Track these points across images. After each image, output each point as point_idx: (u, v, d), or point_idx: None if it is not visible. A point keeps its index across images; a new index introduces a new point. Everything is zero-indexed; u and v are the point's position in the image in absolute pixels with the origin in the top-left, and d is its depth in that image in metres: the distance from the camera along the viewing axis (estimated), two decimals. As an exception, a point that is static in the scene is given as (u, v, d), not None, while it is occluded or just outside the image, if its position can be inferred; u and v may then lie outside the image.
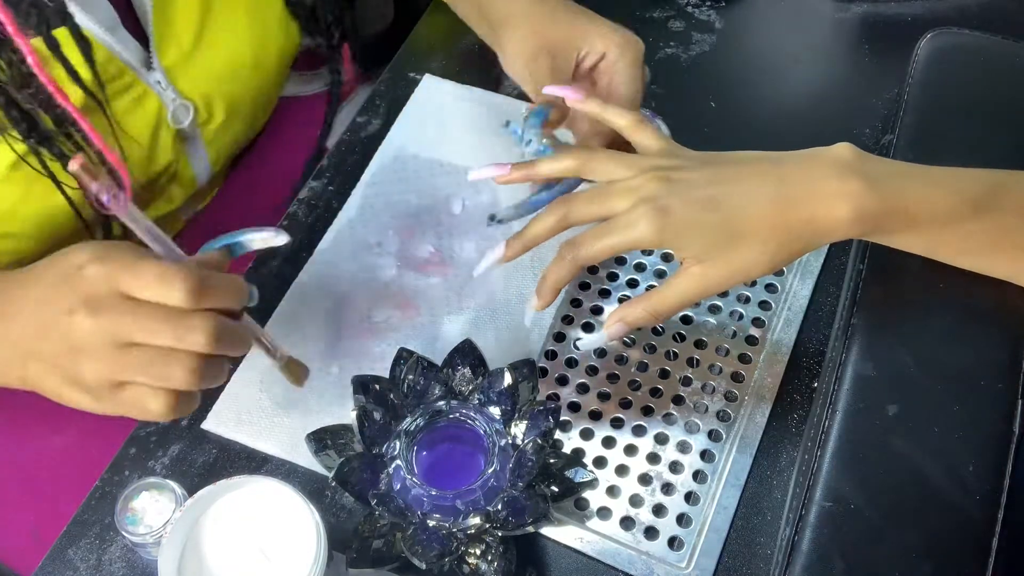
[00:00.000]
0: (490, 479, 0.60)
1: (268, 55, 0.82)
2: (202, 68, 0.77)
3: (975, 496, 0.52)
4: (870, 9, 0.90)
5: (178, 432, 0.69)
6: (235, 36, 0.78)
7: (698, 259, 0.57)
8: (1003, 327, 0.57)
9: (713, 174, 0.58)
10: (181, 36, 0.74)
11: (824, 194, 0.55)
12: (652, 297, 0.59)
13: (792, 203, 0.56)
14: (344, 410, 0.69)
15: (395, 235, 0.77)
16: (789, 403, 0.68)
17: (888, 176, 0.56)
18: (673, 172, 0.58)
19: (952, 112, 0.67)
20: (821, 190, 0.56)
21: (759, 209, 0.56)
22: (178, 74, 0.75)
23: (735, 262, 0.57)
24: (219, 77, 0.78)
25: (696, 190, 0.57)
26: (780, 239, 0.56)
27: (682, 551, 0.63)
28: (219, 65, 0.77)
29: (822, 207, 0.55)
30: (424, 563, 0.58)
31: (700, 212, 0.56)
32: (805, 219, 0.56)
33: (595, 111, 0.64)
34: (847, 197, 0.55)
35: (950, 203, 0.56)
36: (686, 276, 0.58)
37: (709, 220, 0.56)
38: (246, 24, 0.79)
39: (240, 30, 0.78)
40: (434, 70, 0.87)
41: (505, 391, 0.64)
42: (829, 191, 0.55)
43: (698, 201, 0.56)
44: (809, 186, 0.56)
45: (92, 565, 0.64)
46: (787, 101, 0.85)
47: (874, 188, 0.55)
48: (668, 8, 0.91)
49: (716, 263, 0.57)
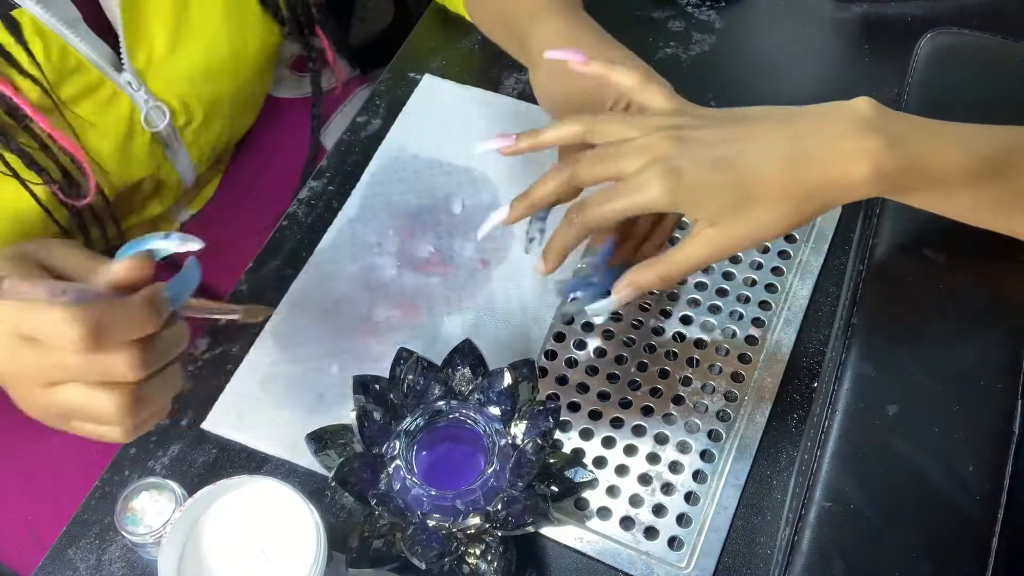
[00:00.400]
0: (490, 479, 0.60)
1: (247, 53, 0.80)
2: (177, 70, 0.76)
3: (975, 496, 0.52)
4: (870, 9, 0.90)
5: (178, 432, 0.69)
6: (212, 36, 0.77)
7: (710, 221, 0.55)
8: (1003, 327, 0.57)
9: (726, 132, 0.56)
10: (154, 38, 0.73)
11: (842, 153, 0.53)
12: (664, 260, 0.57)
13: (808, 163, 0.54)
14: (344, 410, 0.69)
15: (395, 235, 0.77)
16: (789, 403, 0.68)
17: (909, 133, 0.54)
18: (684, 131, 0.56)
19: (952, 112, 0.66)
20: (839, 149, 0.54)
21: (774, 170, 0.54)
22: (151, 76, 0.74)
23: (748, 225, 0.55)
24: (195, 78, 0.77)
25: (709, 150, 0.55)
26: (795, 201, 0.54)
27: (682, 551, 0.63)
28: (195, 66, 0.76)
29: (839, 167, 0.53)
30: (424, 563, 0.58)
31: (713, 173, 0.54)
32: (821, 180, 0.54)
33: (600, 72, 0.61)
34: (866, 156, 0.53)
35: (969, 163, 0.54)
36: (698, 239, 0.56)
37: (722, 181, 0.54)
38: (223, 23, 0.77)
39: (216, 29, 0.77)
40: (434, 70, 0.87)
41: (505, 391, 0.64)
42: (847, 150, 0.53)
43: (711, 161, 0.54)
44: (826, 144, 0.54)
45: (92, 565, 0.64)
46: (787, 101, 0.84)
47: (894, 146, 0.53)
48: (668, 8, 0.91)
49: (729, 225, 0.55)
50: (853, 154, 0.53)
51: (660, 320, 0.72)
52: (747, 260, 0.74)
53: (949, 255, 0.59)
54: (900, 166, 0.53)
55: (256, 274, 0.76)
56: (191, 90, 0.77)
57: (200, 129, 0.80)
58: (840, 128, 0.54)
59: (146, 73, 0.73)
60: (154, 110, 0.75)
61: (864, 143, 0.53)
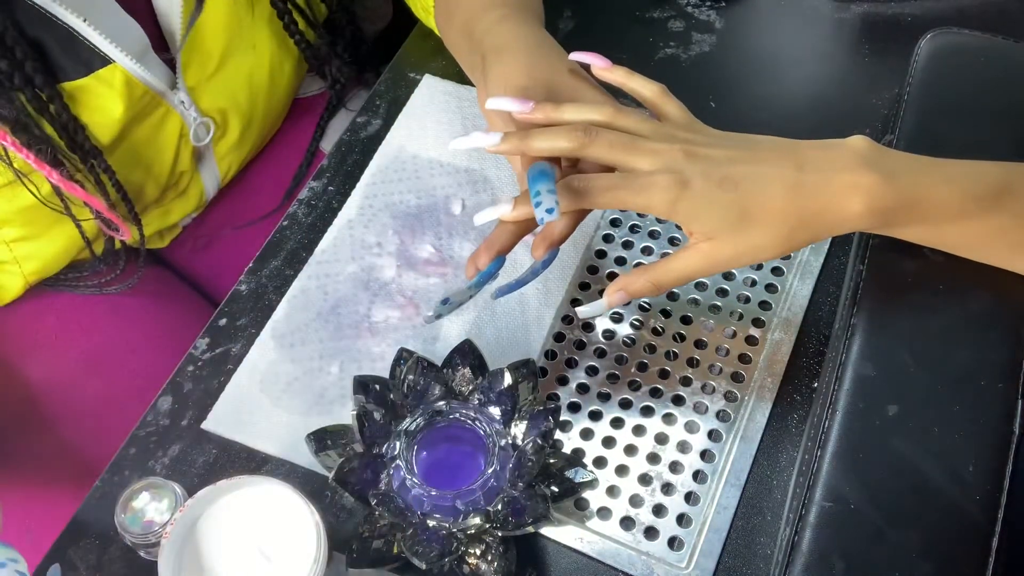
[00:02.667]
0: (490, 479, 0.60)
1: (283, 72, 0.82)
2: (223, 85, 0.77)
3: (975, 496, 0.52)
4: (870, 9, 0.90)
5: (178, 432, 0.69)
6: (256, 54, 0.78)
7: (707, 236, 0.57)
8: (1003, 327, 0.57)
9: (735, 153, 0.58)
10: (208, 57, 0.74)
11: (840, 185, 0.55)
12: (656, 268, 0.58)
13: (807, 191, 0.56)
14: (344, 410, 0.69)
15: (395, 235, 0.77)
16: (789, 403, 0.68)
17: (902, 171, 0.56)
18: (696, 147, 0.57)
19: (952, 112, 0.67)
20: (838, 181, 0.55)
21: (775, 193, 0.56)
22: (201, 93, 0.74)
23: (744, 243, 0.56)
24: (237, 93, 0.78)
25: (717, 167, 0.57)
26: (790, 227, 0.56)
27: (682, 551, 0.63)
28: (239, 81, 0.78)
29: (836, 199, 0.55)
30: (424, 563, 0.58)
31: (717, 190, 0.56)
32: (817, 209, 0.56)
33: (621, 80, 0.62)
34: (862, 191, 0.55)
35: (959, 201, 0.56)
36: (693, 251, 0.57)
37: (725, 199, 0.56)
38: (267, 43, 0.79)
39: (261, 48, 0.79)
40: (434, 70, 0.87)
41: (505, 391, 0.64)
42: (845, 183, 0.55)
43: (718, 178, 0.56)
44: (827, 175, 0.56)
45: (92, 565, 0.64)
46: (787, 101, 0.85)
47: (889, 183, 0.55)
48: (668, 8, 0.91)
49: (725, 242, 0.56)
50: (850, 187, 0.55)
51: (660, 320, 0.72)
52: (747, 260, 0.74)
53: (949, 255, 0.59)
54: (893, 202, 0.55)
55: (256, 274, 0.76)
56: (232, 104, 0.77)
57: (234, 143, 0.81)
58: (840, 162, 0.56)
59: (196, 90, 0.74)
60: (201, 126, 0.75)
61: (861, 178, 0.55)
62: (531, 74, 0.64)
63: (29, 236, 0.72)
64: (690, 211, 0.56)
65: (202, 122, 0.75)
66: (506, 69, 0.64)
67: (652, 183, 0.56)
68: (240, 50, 0.77)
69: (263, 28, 0.79)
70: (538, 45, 0.66)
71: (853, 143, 0.57)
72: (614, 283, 0.59)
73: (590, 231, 0.76)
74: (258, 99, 0.81)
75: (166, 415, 0.70)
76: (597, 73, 0.63)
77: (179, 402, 0.70)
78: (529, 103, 0.60)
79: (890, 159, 0.57)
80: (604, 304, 0.60)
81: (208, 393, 0.70)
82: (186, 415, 0.70)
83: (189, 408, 0.70)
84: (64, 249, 0.76)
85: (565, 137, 0.58)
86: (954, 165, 0.58)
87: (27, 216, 0.70)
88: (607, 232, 0.76)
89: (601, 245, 0.76)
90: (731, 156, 0.57)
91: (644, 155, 0.57)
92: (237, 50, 0.76)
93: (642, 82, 0.62)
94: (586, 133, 0.57)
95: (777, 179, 0.56)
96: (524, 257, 0.75)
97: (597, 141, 0.57)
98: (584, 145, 0.57)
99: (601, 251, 0.76)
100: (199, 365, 0.72)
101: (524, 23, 0.68)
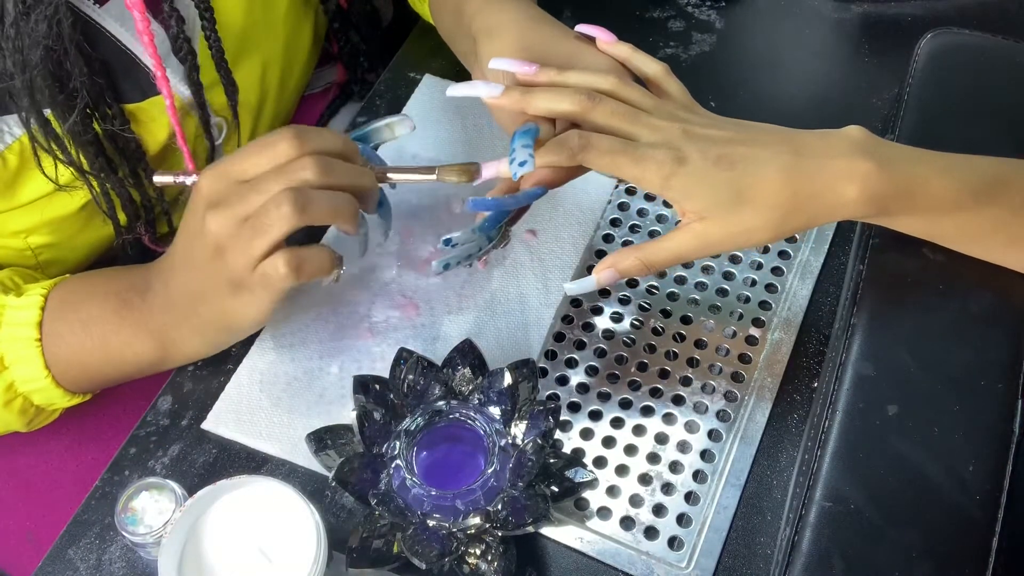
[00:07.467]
0: (490, 479, 0.60)
1: (293, 75, 0.83)
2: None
3: (975, 496, 0.52)
4: (870, 9, 0.90)
5: (178, 432, 0.69)
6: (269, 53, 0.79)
7: (700, 215, 0.57)
8: (1003, 327, 0.57)
9: (733, 135, 0.58)
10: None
11: (835, 170, 0.55)
12: (647, 247, 0.58)
13: (803, 175, 0.56)
14: (344, 410, 0.69)
15: (395, 235, 0.77)
16: (789, 403, 0.68)
17: (898, 160, 0.56)
18: (695, 127, 0.58)
19: (952, 112, 0.67)
20: (833, 166, 0.56)
21: (771, 175, 0.56)
22: (215, 92, 0.75)
23: (737, 224, 0.56)
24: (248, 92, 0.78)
25: (714, 146, 0.57)
26: (784, 210, 0.56)
27: (682, 551, 0.63)
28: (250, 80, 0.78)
29: (831, 184, 0.55)
30: (424, 563, 0.58)
31: (713, 168, 0.56)
32: (813, 193, 0.56)
33: (625, 56, 0.62)
34: (858, 177, 0.55)
35: (954, 192, 0.56)
36: (685, 231, 0.57)
37: (720, 177, 0.56)
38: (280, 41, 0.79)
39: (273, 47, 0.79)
40: (434, 70, 0.87)
41: (505, 391, 0.64)
42: (841, 168, 0.55)
43: (714, 157, 0.56)
44: (823, 161, 0.56)
45: (92, 565, 0.64)
46: (787, 101, 0.85)
47: (884, 170, 0.55)
48: (668, 8, 0.91)
49: (717, 222, 0.56)
50: (845, 173, 0.55)
51: (660, 320, 0.72)
52: (747, 260, 0.74)
53: (949, 255, 0.59)
54: (888, 190, 0.56)
55: (256, 274, 0.76)
56: (242, 104, 0.77)
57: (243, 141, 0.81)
58: (837, 149, 0.56)
59: (211, 89, 0.74)
60: (213, 127, 0.76)
61: (857, 164, 0.56)
62: (524, 47, 0.63)
63: (55, 243, 0.73)
64: (684, 188, 0.56)
65: (215, 122, 0.76)
66: (498, 45, 0.64)
67: (650, 155, 0.56)
68: (252, 50, 0.77)
69: (277, 28, 0.79)
70: (530, 19, 0.66)
71: (850, 132, 0.58)
72: (604, 260, 0.59)
73: (590, 231, 0.76)
74: (268, 98, 0.81)
75: (166, 415, 0.70)
76: (602, 47, 0.63)
77: (179, 402, 0.70)
78: (533, 65, 0.60)
79: (886, 148, 0.57)
80: (593, 281, 0.60)
81: (208, 393, 0.70)
82: (186, 415, 0.70)
83: (189, 408, 0.70)
84: (85, 256, 0.77)
85: (569, 100, 0.58)
86: (951, 157, 0.58)
87: (56, 225, 0.72)
88: (607, 232, 0.76)
89: (601, 245, 0.76)
90: (729, 137, 0.58)
91: (644, 128, 0.57)
92: (249, 50, 0.76)
93: (645, 59, 0.62)
94: (590, 98, 0.58)
95: (773, 161, 0.56)
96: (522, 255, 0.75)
97: (599, 107, 0.58)
98: (586, 110, 0.58)
99: (601, 251, 0.76)
100: (199, 365, 0.72)
101: (515, 1, 0.68)
